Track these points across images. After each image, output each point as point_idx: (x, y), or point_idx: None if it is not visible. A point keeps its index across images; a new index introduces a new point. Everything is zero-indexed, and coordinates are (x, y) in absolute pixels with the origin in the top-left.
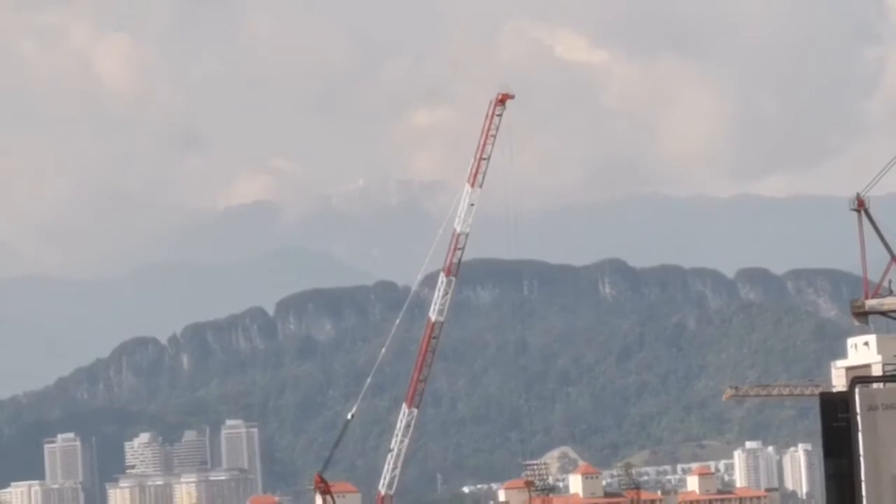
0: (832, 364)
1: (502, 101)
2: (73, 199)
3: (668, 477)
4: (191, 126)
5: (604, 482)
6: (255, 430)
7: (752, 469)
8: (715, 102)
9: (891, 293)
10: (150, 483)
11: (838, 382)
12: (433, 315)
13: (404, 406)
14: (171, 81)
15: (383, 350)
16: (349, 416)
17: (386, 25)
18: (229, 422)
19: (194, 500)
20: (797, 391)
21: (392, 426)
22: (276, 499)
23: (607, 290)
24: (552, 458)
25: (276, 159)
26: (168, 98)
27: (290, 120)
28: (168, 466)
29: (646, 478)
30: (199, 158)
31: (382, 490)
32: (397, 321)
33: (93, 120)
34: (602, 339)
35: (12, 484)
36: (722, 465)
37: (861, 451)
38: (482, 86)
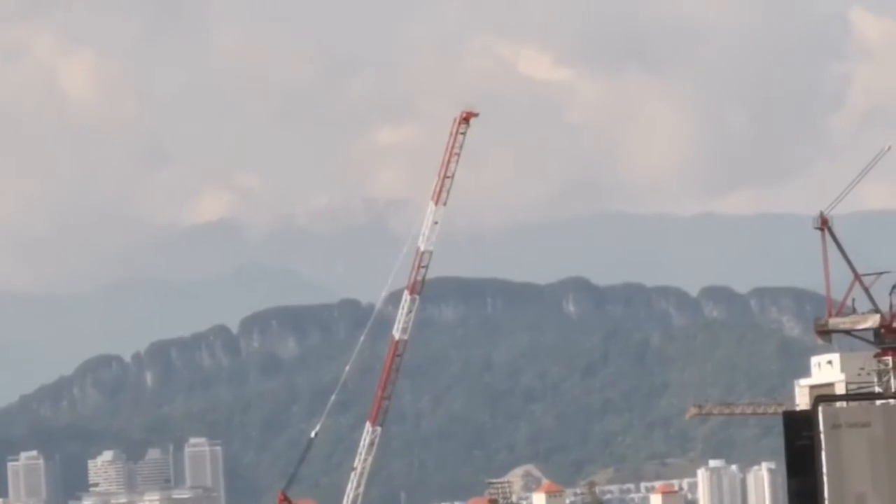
0: (796, 382)
1: (466, 119)
2: (35, 215)
3: (632, 495)
4: (156, 142)
5: (567, 500)
6: (219, 447)
7: (716, 487)
8: (680, 119)
9: (854, 311)
10: (113, 501)
11: (802, 401)
12: (397, 333)
13: (368, 424)
14: (137, 96)
15: (347, 368)
16: (313, 434)
17: (350, 42)
18: (193, 440)
19: None
20: (761, 409)
21: (356, 444)
22: None
23: (571, 307)
24: (516, 476)
25: (240, 176)
26: (133, 113)
27: (254, 136)
28: (132, 484)
29: (609, 496)
30: (163, 174)
31: None
32: (361, 339)
33: (56, 135)
34: (566, 356)
35: None
36: (685, 483)
37: (825, 470)
38: (446, 103)
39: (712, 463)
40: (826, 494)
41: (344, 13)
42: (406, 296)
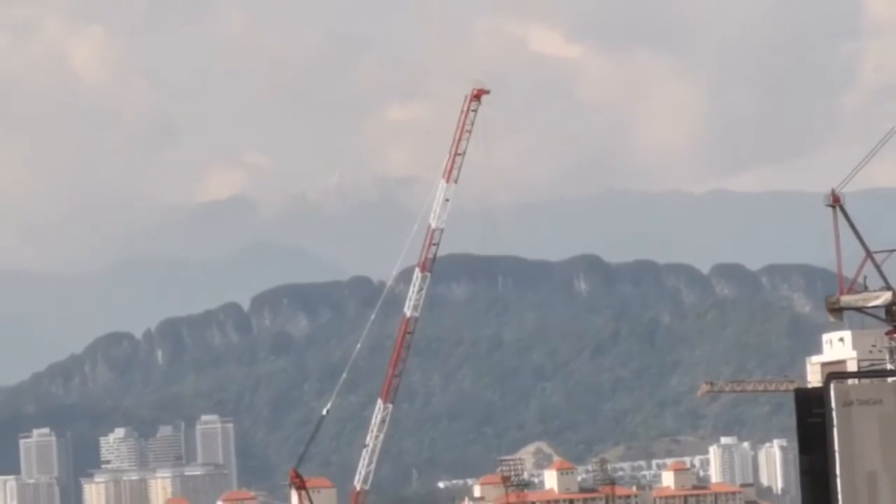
0: (807, 360)
1: (477, 96)
2: (47, 194)
3: (644, 472)
4: (165, 120)
5: (579, 477)
6: (231, 425)
7: (727, 464)
8: (690, 97)
9: (866, 289)
10: (125, 478)
11: (813, 378)
12: (408, 311)
13: (379, 401)
14: (146, 75)
15: (358, 345)
16: (324, 412)
17: (359, 20)
18: (204, 417)
19: (169, 495)
20: (772, 387)
21: (366, 421)
22: (252, 494)
23: (582, 285)
24: (527, 454)
25: (250, 154)
26: (142, 92)
27: (264, 115)
28: (143, 461)
29: (621, 473)
30: (173, 153)
31: (357, 485)
32: (372, 317)
33: (66, 114)
34: (576, 334)
35: None
36: (697, 460)
37: (836, 447)
38: (457, 81)
39: (724, 440)
40: (837, 471)
41: None
42: (417, 273)
